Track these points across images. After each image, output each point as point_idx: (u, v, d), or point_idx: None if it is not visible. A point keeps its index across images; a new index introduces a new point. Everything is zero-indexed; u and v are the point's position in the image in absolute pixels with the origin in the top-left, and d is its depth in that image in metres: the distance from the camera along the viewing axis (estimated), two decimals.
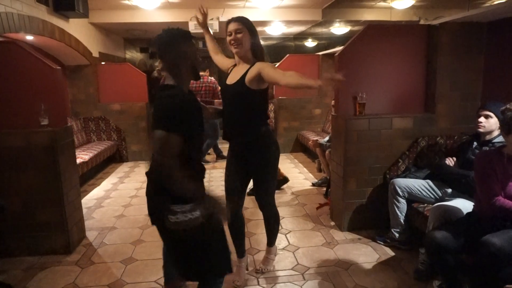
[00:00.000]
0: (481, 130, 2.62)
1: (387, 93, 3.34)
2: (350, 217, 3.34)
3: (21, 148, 2.89)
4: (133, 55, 10.06)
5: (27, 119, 2.95)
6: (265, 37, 9.79)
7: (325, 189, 4.41)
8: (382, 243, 3.08)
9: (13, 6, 3.74)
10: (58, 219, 3.00)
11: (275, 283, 2.56)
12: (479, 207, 2.25)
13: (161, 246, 3.15)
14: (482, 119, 2.60)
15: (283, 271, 2.72)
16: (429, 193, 2.85)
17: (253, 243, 3.19)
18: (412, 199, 2.92)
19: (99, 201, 4.42)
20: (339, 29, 8.72)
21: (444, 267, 2.13)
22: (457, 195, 2.71)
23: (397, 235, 2.98)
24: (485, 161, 2.15)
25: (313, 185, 4.84)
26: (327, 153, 4.42)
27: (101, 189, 4.93)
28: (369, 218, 3.35)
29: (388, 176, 3.23)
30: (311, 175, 5.38)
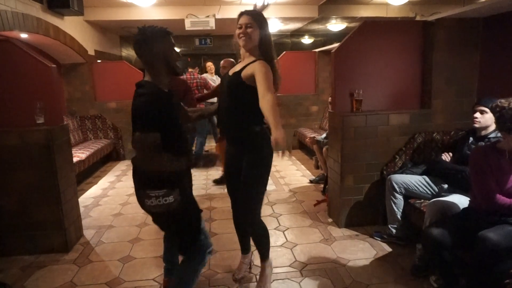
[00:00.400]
0: (476, 125, 2.63)
1: (383, 90, 3.34)
2: (347, 214, 3.35)
3: (17, 146, 2.87)
4: (129, 52, 10.01)
5: (22, 117, 2.94)
6: None
7: (322, 186, 4.42)
8: (379, 239, 3.09)
9: (6, 3, 3.71)
10: (55, 218, 2.99)
11: (273, 280, 2.56)
12: (475, 202, 2.26)
13: (158, 244, 3.18)
14: (477, 115, 2.62)
15: (281, 268, 2.73)
16: (425, 189, 2.87)
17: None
18: (409, 195, 2.93)
19: (96, 200, 4.41)
20: (336, 25, 8.71)
21: (441, 262, 2.14)
22: (454, 190, 2.72)
23: (394, 231, 3.00)
24: (480, 157, 2.16)
25: (311, 182, 4.85)
26: (324, 150, 4.43)
27: (98, 188, 4.91)
28: (366, 214, 3.37)
29: (385, 172, 3.24)
30: (308, 172, 5.38)
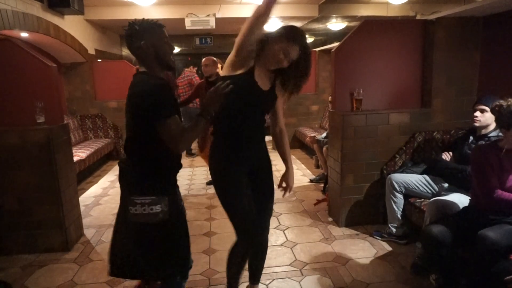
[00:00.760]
0: (476, 124, 2.63)
1: (383, 89, 3.34)
2: (347, 213, 3.35)
3: (17, 146, 2.87)
4: (129, 52, 10.01)
5: (23, 117, 2.94)
6: None
7: (322, 185, 4.42)
8: (379, 238, 3.09)
9: (7, 2, 3.71)
10: (55, 217, 3.00)
11: (273, 279, 2.57)
12: (475, 201, 2.27)
13: None
14: (477, 114, 2.61)
15: (281, 267, 2.73)
16: (426, 188, 2.87)
17: None
18: (409, 194, 2.94)
19: (96, 199, 4.42)
20: (336, 25, 8.69)
21: (441, 261, 2.14)
22: (454, 189, 2.72)
23: (394, 230, 3.00)
24: (481, 155, 2.16)
25: (311, 181, 4.85)
26: (324, 149, 4.43)
27: (99, 187, 4.92)
28: (366, 213, 3.37)
29: (385, 171, 3.24)
30: (308, 171, 5.39)
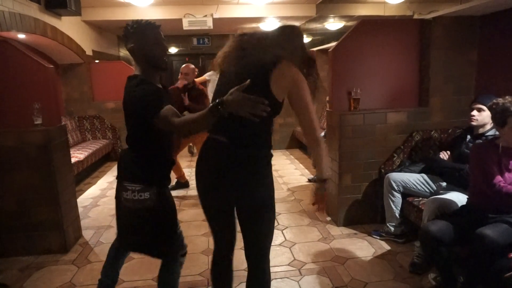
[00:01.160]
0: (474, 123, 2.64)
1: (381, 88, 3.34)
2: (346, 212, 3.36)
3: (14, 147, 2.87)
4: (127, 52, 9.97)
5: (20, 118, 2.93)
6: None
7: None
8: (377, 237, 3.10)
9: (4, 4, 3.70)
10: (53, 219, 2.99)
11: (272, 279, 2.56)
12: (473, 200, 2.27)
13: None
14: (474, 113, 2.62)
15: (280, 266, 2.73)
16: (424, 187, 2.87)
17: None
18: (407, 193, 2.94)
19: (95, 200, 4.41)
20: (333, 24, 8.70)
21: (439, 259, 2.15)
22: (452, 188, 2.73)
23: (393, 229, 3.01)
24: (481, 152, 2.18)
25: (309, 181, 4.85)
26: None
27: (97, 188, 4.91)
28: (364, 212, 3.37)
29: (383, 170, 3.25)
30: (307, 171, 5.39)
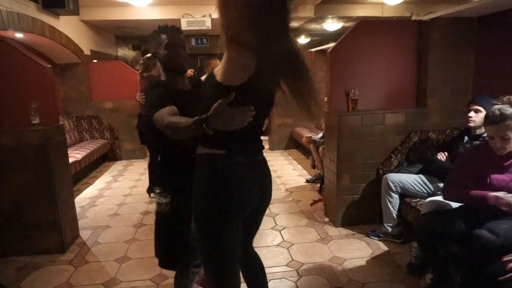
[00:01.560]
0: (471, 124, 2.65)
1: (379, 89, 3.35)
2: (343, 213, 3.36)
3: (12, 147, 2.86)
4: (125, 52, 9.98)
5: (17, 118, 2.92)
6: None
7: (319, 185, 4.43)
8: (375, 238, 3.10)
9: (1, 3, 3.69)
10: (51, 219, 2.98)
11: (270, 280, 2.57)
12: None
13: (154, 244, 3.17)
14: (472, 114, 2.63)
15: (278, 267, 2.73)
16: (421, 187, 2.88)
17: None
18: (405, 193, 2.94)
19: (92, 200, 4.40)
20: (332, 25, 8.71)
21: (433, 254, 2.16)
22: None
23: (390, 230, 3.01)
24: (468, 153, 2.23)
25: (307, 181, 4.86)
26: (320, 149, 4.43)
27: (95, 188, 4.90)
28: (362, 213, 3.38)
29: (381, 171, 3.25)
30: (305, 171, 5.39)
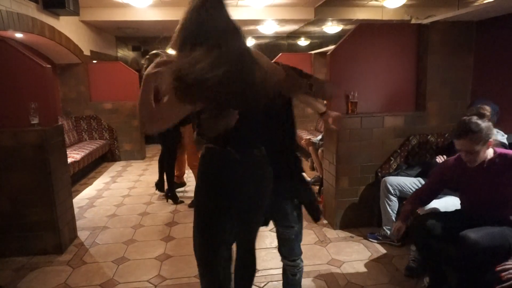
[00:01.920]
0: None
1: (378, 92, 3.36)
2: (342, 215, 3.36)
3: (11, 147, 2.85)
4: (125, 53, 9.99)
5: (16, 118, 2.91)
6: (258, 35, 9.79)
7: (317, 187, 4.42)
8: (374, 241, 3.10)
9: (1, 3, 3.69)
10: (49, 219, 2.97)
11: (268, 282, 2.57)
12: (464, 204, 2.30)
13: (153, 245, 3.17)
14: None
15: (276, 269, 2.72)
16: None
17: None
18: (403, 196, 2.94)
19: (91, 201, 4.39)
20: (332, 28, 8.74)
21: (429, 254, 2.17)
22: (448, 192, 2.73)
23: (389, 233, 3.01)
24: (443, 168, 2.32)
25: None
26: (319, 151, 4.43)
27: (93, 189, 4.89)
28: (361, 216, 3.38)
29: (380, 174, 3.26)
30: (304, 173, 5.38)
